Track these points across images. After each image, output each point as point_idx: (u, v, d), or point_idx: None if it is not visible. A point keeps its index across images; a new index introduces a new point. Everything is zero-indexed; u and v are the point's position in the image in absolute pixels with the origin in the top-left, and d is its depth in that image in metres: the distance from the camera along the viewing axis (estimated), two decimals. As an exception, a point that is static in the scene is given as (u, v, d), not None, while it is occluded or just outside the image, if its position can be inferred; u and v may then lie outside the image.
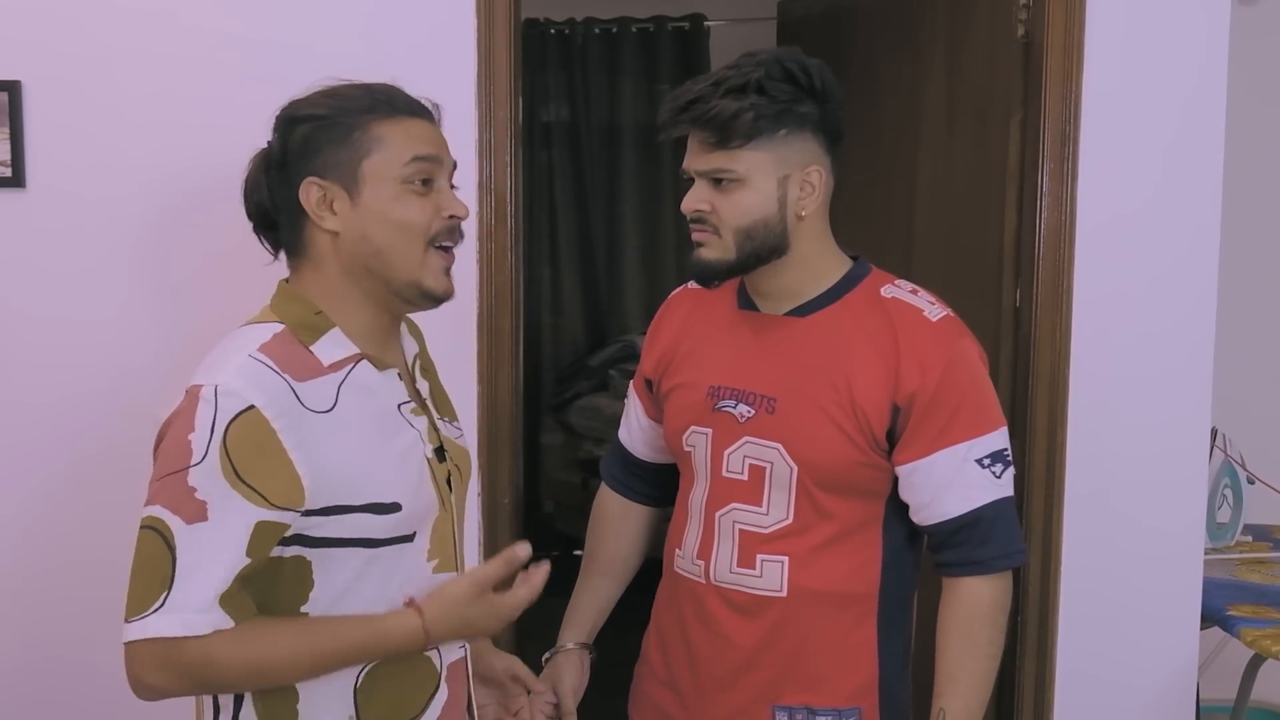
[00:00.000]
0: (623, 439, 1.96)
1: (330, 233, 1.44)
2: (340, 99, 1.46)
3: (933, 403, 1.63)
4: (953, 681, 1.66)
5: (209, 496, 1.33)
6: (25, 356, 2.26)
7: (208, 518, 1.32)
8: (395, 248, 1.43)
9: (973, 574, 1.67)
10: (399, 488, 1.43)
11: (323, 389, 1.40)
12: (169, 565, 1.32)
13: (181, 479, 1.34)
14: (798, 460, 1.66)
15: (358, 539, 1.41)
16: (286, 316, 1.45)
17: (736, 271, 1.69)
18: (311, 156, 1.43)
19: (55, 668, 2.31)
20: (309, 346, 1.42)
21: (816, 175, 1.66)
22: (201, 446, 1.33)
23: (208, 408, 1.34)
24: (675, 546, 1.80)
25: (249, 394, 1.34)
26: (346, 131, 1.43)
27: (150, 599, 1.32)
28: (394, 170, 1.43)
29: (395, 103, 1.47)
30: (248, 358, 1.38)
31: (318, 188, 1.43)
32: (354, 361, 1.44)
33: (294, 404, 1.36)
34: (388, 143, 1.43)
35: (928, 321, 1.67)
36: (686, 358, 1.79)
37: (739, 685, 1.73)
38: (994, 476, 1.65)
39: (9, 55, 2.21)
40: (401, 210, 1.43)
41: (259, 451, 1.34)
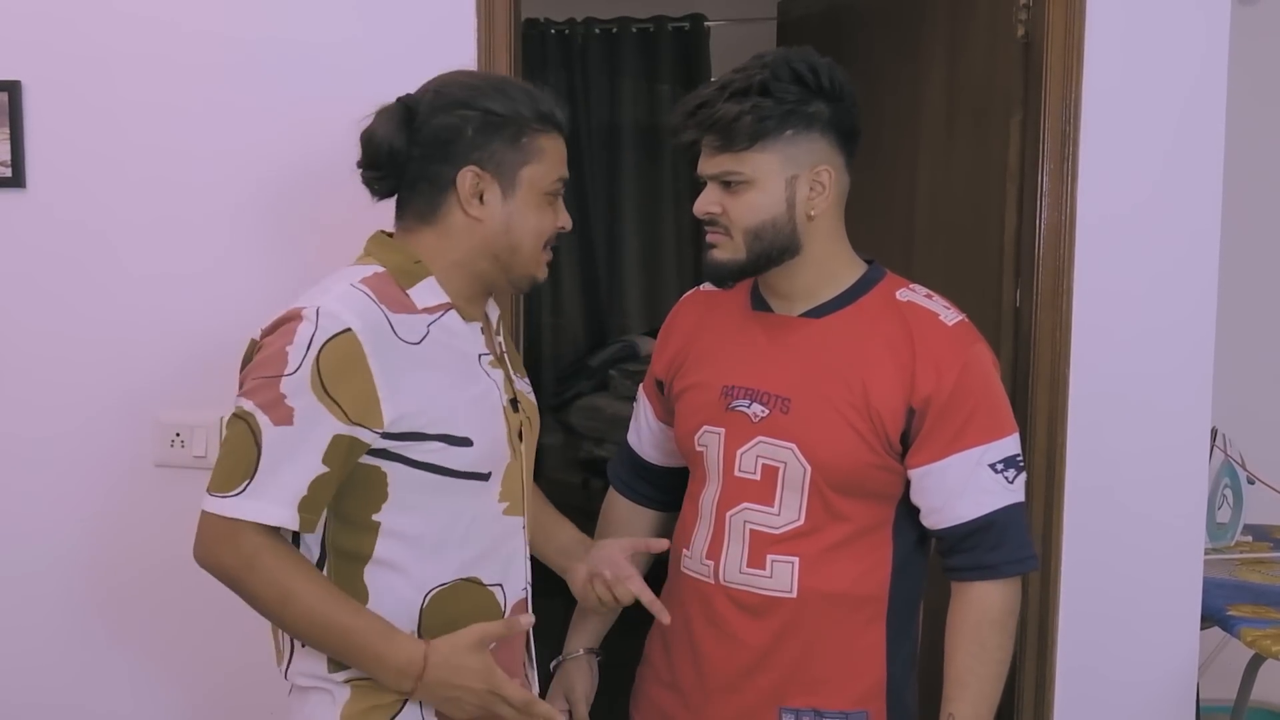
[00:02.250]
0: (631, 443, 1.96)
1: (473, 217, 1.56)
2: (512, 100, 1.56)
3: (948, 407, 1.64)
4: (962, 687, 1.67)
5: (296, 405, 1.45)
6: (25, 357, 2.27)
7: (293, 423, 1.45)
8: (527, 247, 1.59)
9: (983, 579, 1.68)
10: (472, 425, 1.54)
11: (414, 324, 1.53)
12: (254, 457, 1.45)
13: (275, 384, 1.45)
14: (811, 461, 1.67)
15: (431, 464, 1.52)
16: (387, 261, 1.57)
17: (749, 272, 1.69)
18: (480, 146, 1.55)
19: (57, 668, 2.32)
20: (405, 290, 1.54)
21: (827, 175, 1.66)
22: (297, 359, 1.45)
23: (308, 325, 1.46)
24: (683, 547, 1.80)
25: (347, 317, 1.46)
26: (517, 134, 1.55)
27: (233, 482, 1.46)
28: (545, 183, 1.58)
29: (554, 118, 1.59)
30: (349, 286, 1.51)
31: (475, 176, 1.55)
32: (444, 310, 1.57)
33: (388, 332, 1.49)
34: (546, 156, 1.58)
35: (944, 326, 1.68)
36: (699, 358, 1.79)
37: (745, 687, 1.73)
38: (1006, 482, 1.66)
39: (9, 55, 2.21)
40: (539, 218, 1.59)
41: (348, 370, 1.45)
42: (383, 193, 1.61)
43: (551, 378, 4.97)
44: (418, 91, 1.61)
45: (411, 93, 1.60)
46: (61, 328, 2.25)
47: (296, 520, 1.46)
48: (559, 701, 1.88)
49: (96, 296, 2.25)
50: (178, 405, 2.24)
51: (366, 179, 1.60)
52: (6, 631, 2.31)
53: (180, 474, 2.25)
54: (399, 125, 1.56)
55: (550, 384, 4.94)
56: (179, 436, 2.24)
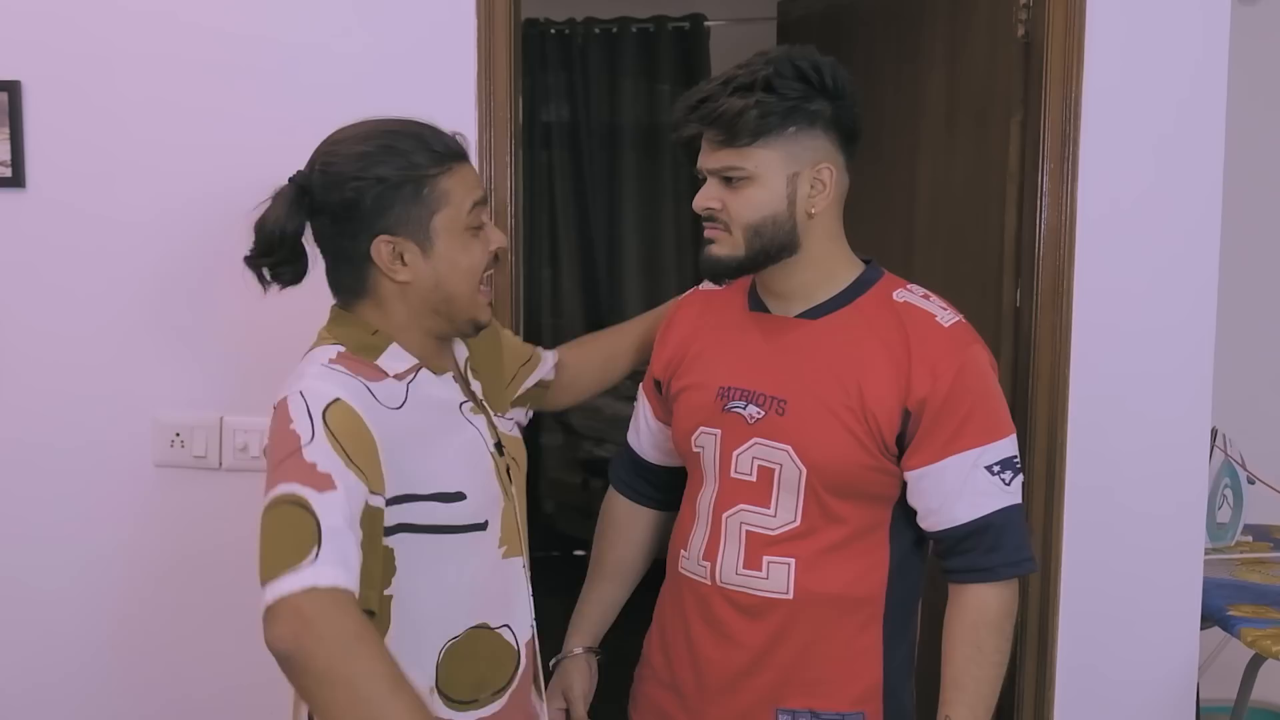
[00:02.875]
0: (631, 443, 1.96)
1: (401, 282, 1.53)
2: (402, 154, 1.51)
3: (944, 408, 1.63)
4: (959, 689, 1.66)
5: (330, 469, 1.36)
6: (25, 356, 2.27)
7: (335, 487, 1.35)
8: (462, 292, 1.55)
9: (980, 581, 1.67)
10: (462, 478, 1.53)
11: (392, 390, 1.50)
12: (313, 527, 1.31)
13: (299, 457, 1.37)
14: (807, 462, 1.66)
15: (428, 525, 1.50)
16: (345, 339, 1.54)
17: (747, 268, 1.69)
18: (382, 214, 1.50)
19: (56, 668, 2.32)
20: (372, 362, 1.52)
21: (828, 173, 1.66)
22: (306, 429, 1.39)
23: (299, 403, 1.41)
24: (680, 548, 1.80)
25: (332, 390, 1.43)
26: (416, 190, 1.50)
27: (299, 556, 1.29)
28: (460, 221, 1.53)
29: (447, 149, 1.54)
30: (321, 367, 1.48)
31: (388, 244, 1.51)
32: (414, 371, 1.55)
33: (371, 399, 1.46)
34: (453, 195, 1.53)
35: (940, 327, 1.67)
36: (696, 359, 1.79)
37: (743, 688, 1.72)
38: (1003, 484, 1.65)
39: (9, 55, 2.21)
40: (468, 257, 1.54)
41: (355, 436, 1.41)
42: (288, 279, 1.57)
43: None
44: (306, 165, 1.54)
45: (301, 170, 1.55)
46: (61, 327, 2.25)
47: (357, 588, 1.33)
48: (557, 700, 1.88)
49: (96, 296, 2.24)
50: (178, 405, 2.24)
51: (263, 267, 1.55)
52: (6, 631, 2.31)
53: (180, 474, 2.25)
54: (291, 208, 1.52)
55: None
56: (179, 436, 2.24)
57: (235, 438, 2.23)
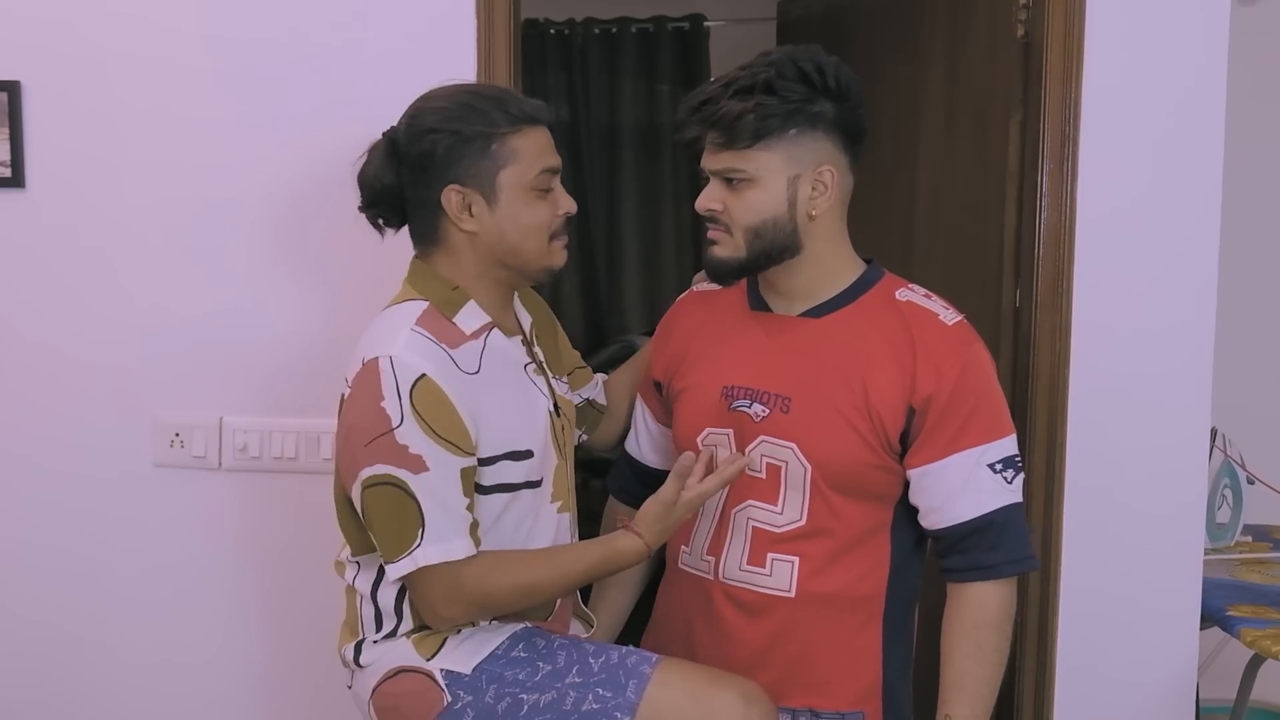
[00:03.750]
0: (631, 451, 1.96)
1: (468, 232, 1.62)
2: (477, 113, 1.61)
3: (948, 407, 1.64)
4: (959, 689, 1.66)
5: (421, 450, 1.53)
6: (25, 356, 2.27)
7: (428, 468, 1.54)
8: (528, 244, 1.65)
9: (981, 579, 1.67)
10: (531, 437, 1.65)
11: (470, 354, 1.61)
12: (415, 509, 1.53)
13: (391, 439, 1.53)
14: (811, 460, 1.67)
15: (500, 484, 1.61)
16: (428, 294, 1.64)
17: (748, 269, 1.69)
18: (453, 165, 1.60)
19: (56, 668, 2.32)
20: (451, 319, 1.62)
21: (829, 175, 1.66)
22: (396, 411, 1.54)
23: (389, 378, 1.54)
24: (681, 544, 1.79)
25: (419, 364, 1.55)
26: (485, 144, 1.60)
27: (409, 539, 1.54)
28: (526, 180, 1.62)
29: (524, 113, 1.63)
30: (411, 331, 1.59)
31: (458, 194, 1.61)
32: (488, 330, 1.65)
33: (453, 368, 1.58)
34: (521, 155, 1.62)
35: (943, 326, 1.68)
36: (698, 359, 1.79)
37: None
38: (1005, 482, 1.66)
39: (9, 56, 2.21)
40: (531, 215, 1.64)
41: (441, 410, 1.54)
42: (393, 226, 1.69)
43: (551, 378, 4.96)
44: (399, 120, 1.67)
45: (393, 124, 1.66)
46: (61, 327, 2.25)
47: (474, 545, 1.57)
48: None
49: (96, 296, 2.25)
50: (177, 405, 2.24)
51: (370, 218, 1.68)
52: (6, 631, 2.31)
53: (180, 474, 2.25)
54: (385, 159, 1.64)
55: (550, 384, 4.93)
56: (178, 436, 2.24)
57: (235, 438, 2.23)
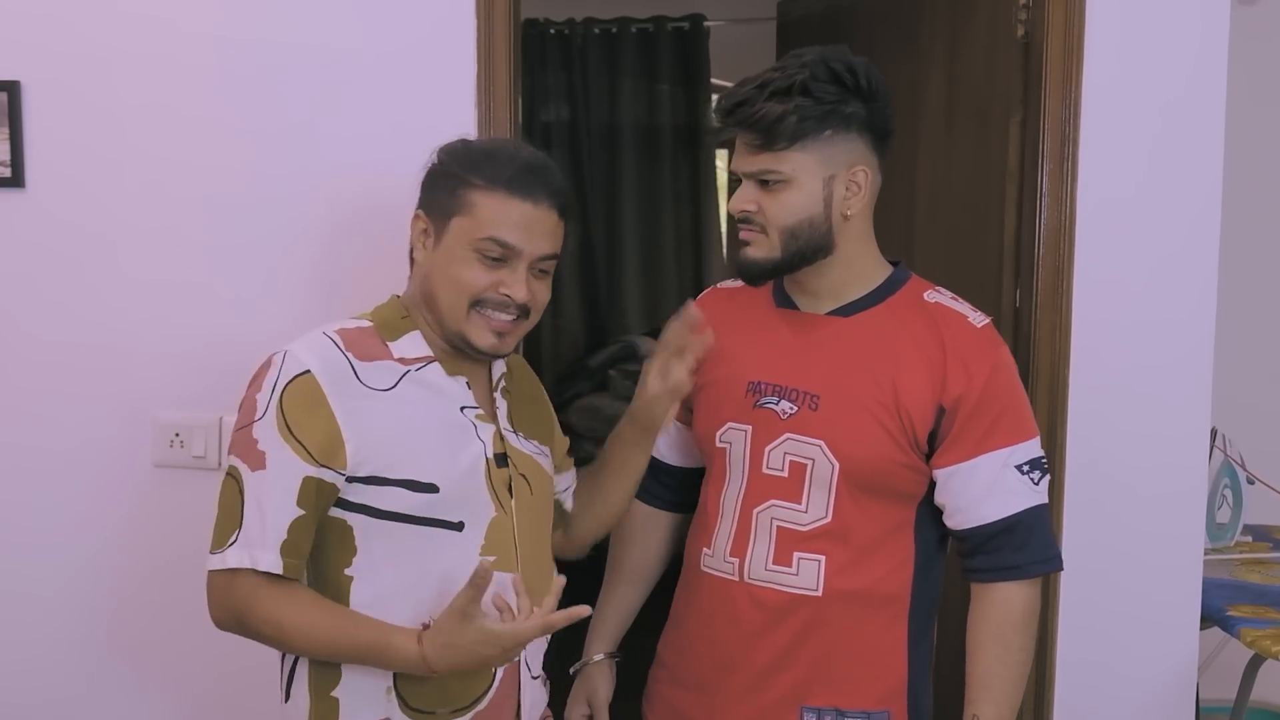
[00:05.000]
0: None
1: (417, 260, 1.61)
2: (467, 158, 1.59)
3: (977, 408, 1.65)
4: (986, 688, 1.67)
5: (267, 448, 1.50)
6: (24, 357, 2.27)
7: (266, 467, 1.49)
8: (445, 299, 1.57)
9: (1008, 579, 1.68)
10: (439, 473, 1.55)
11: (385, 372, 1.56)
12: (239, 506, 1.50)
13: (249, 432, 1.52)
14: (840, 458, 1.67)
15: (394, 512, 1.53)
16: (376, 316, 1.63)
17: (782, 270, 1.70)
18: (427, 192, 1.61)
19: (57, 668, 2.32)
20: (387, 342, 1.59)
21: (863, 175, 1.67)
22: (264, 404, 1.51)
23: (274, 371, 1.53)
24: (703, 546, 1.79)
25: (307, 360, 1.52)
26: (454, 186, 1.57)
27: (226, 535, 1.51)
28: (469, 237, 1.56)
29: (500, 175, 1.56)
30: (320, 334, 1.57)
31: (422, 222, 1.60)
32: (425, 362, 1.60)
33: (349, 376, 1.53)
34: (477, 211, 1.55)
35: (973, 328, 1.70)
36: (721, 355, 1.78)
37: (767, 686, 1.72)
38: (1032, 483, 1.68)
39: (9, 55, 2.21)
40: (459, 270, 1.56)
41: (308, 411, 1.50)
42: None
43: (551, 378, 4.97)
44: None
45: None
46: (61, 328, 2.25)
47: (280, 564, 1.49)
48: (581, 706, 1.89)
49: (96, 296, 2.24)
50: (177, 405, 2.24)
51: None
52: (6, 632, 2.31)
53: (180, 474, 2.25)
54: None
55: (550, 385, 4.93)
56: (178, 436, 2.24)
57: (235, 438, 2.22)
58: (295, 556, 1.50)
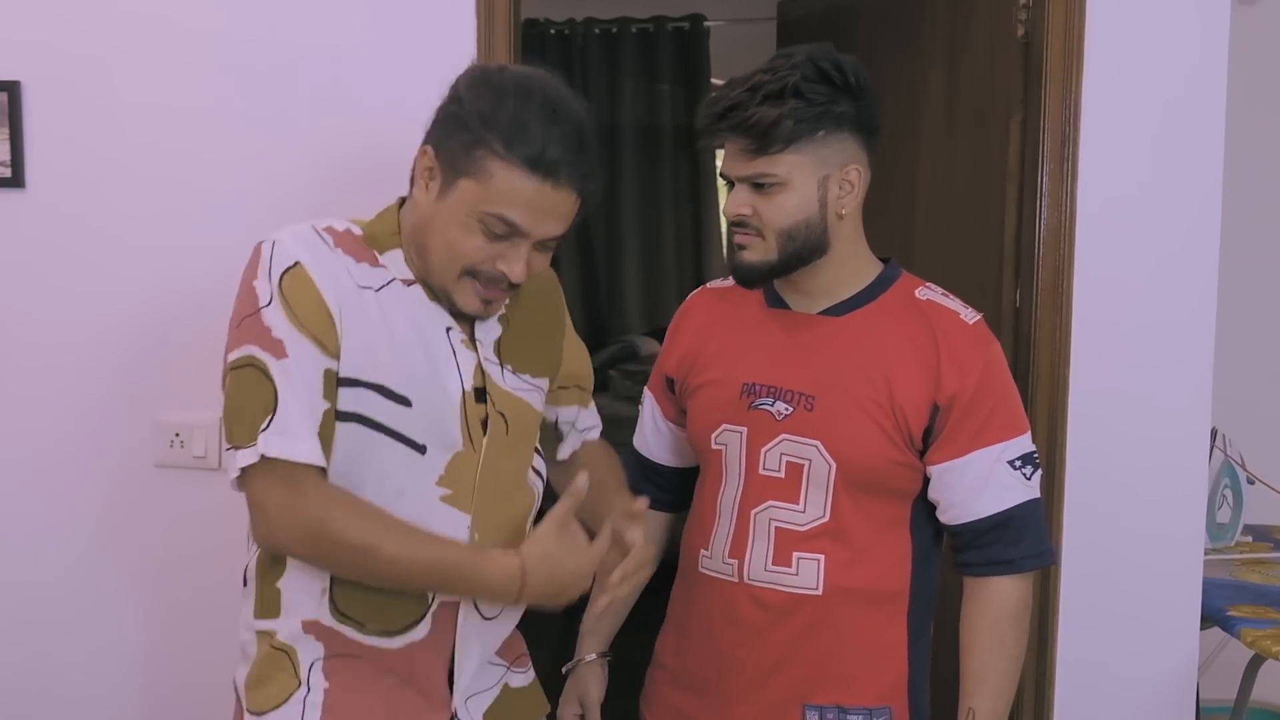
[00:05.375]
0: (638, 447, 1.95)
1: (415, 197, 1.50)
2: (500, 110, 1.43)
3: (971, 404, 1.66)
4: (982, 682, 1.68)
5: (283, 336, 1.42)
6: (24, 357, 2.27)
7: (288, 354, 1.42)
8: (437, 257, 1.48)
9: (1001, 574, 1.69)
10: (415, 387, 1.48)
11: (370, 274, 1.49)
12: (271, 392, 1.41)
13: (259, 319, 1.43)
14: (836, 457, 1.67)
15: (362, 415, 1.46)
16: (369, 228, 1.54)
17: (779, 272, 1.70)
18: (447, 133, 1.46)
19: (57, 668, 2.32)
20: (375, 252, 1.51)
21: (855, 173, 1.67)
22: (266, 291, 1.44)
23: (264, 259, 1.45)
24: (700, 548, 1.78)
25: (296, 251, 1.45)
26: (471, 143, 1.43)
27: (257, 422, 1.40)
28: (476, 205, 1.44)
29: (529, 150, 1.42)
30: (309, 227, 1.49)
31: (429, 160, 1.48)
32: (409, 282, 1.52)
33: (340, 271, 1.46)
34: (491, 181, 1.43)
35: (965, 324, 1.70)
36: (714, 356, 1.79)
37: (770, 685, 1.72)
38: (1025, 478, 1.68)
39: (9, 55, 2.21)
40: (458, 235, 1.46)
41: (310, 302, 1.43)
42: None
43: (551, 378, 4.97)
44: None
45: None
46: (61, 328, 2.25)
47: (322, 458, 1.41)
48: (573, 706, 1.89)
49: (96, 296, 2.24)
50: (178, 405, 2.24)
51: None
52: (6, 631, 2.31)
53: (180, 474, 2.25)
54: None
55: (550, 384, 4.94)
56: (179, 436, 2.24)
57: (235, 438, 2.22)
58: (326, 449, 1.43)
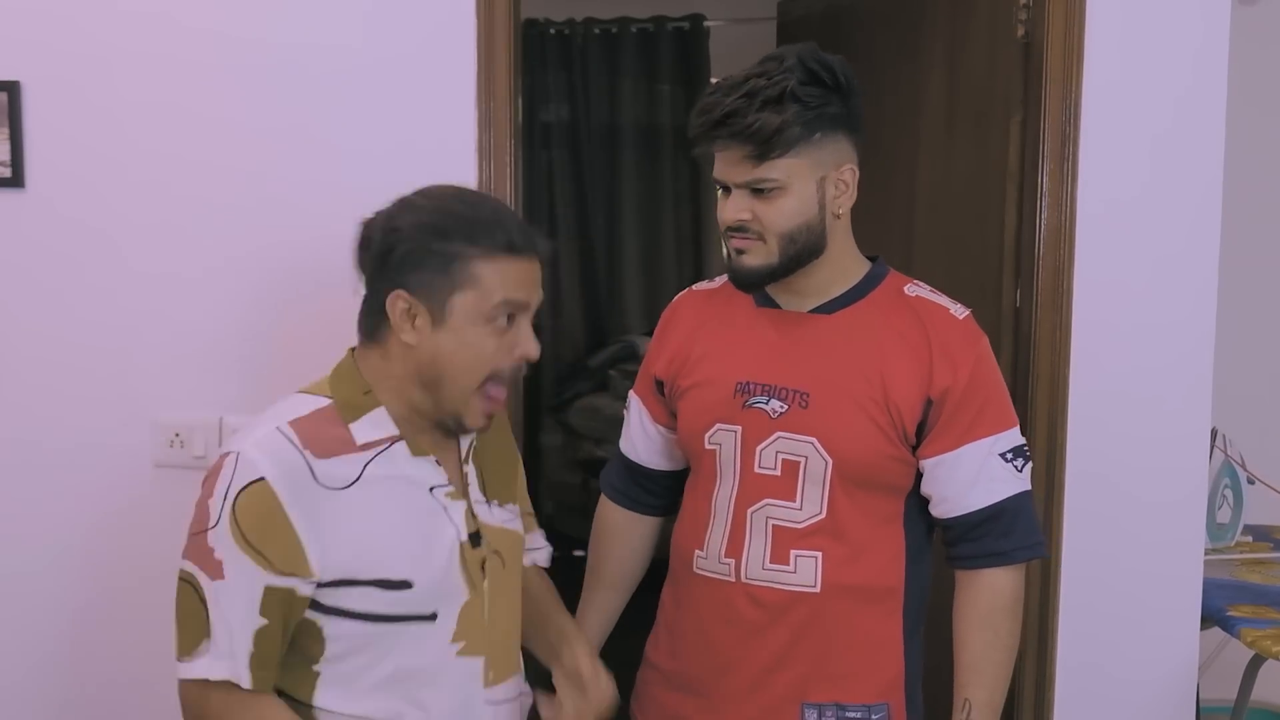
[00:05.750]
0: (625, 450, 1.94)
1: (405, 342, 1.48)
2: (451, 227, 1.46)
3: (963, 398, 1.67)
4: (977, 673, 1.70)
5: (224, 557, 1.42)
6: (25, 357, 2.26)
7: (225, 576, 1.42)
8: (455, 380, 1.48)
9: (994, 565, 1.70)
10: (412, 566, 1.48)
11: (345, 466, 1.46)
12: (204, 616, 1.43)
13: (204, 539, 1.43)
14: (833, 454, 1.68)
15: (365, 613, 1.46)
16: (336, 393, 1.51)
17: (780, 275, 1.70)
18: (407, 271, 1.46)
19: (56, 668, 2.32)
20: (347, 424, 1.48)
21: (850, 173, 1.68)
22: (217, 511, 1.43)
23: (226, 474, 1.43)
24: (694, 548, 1.78)
25: (262, 466, 1.42)
26: (446, 262, 1.45)
27: (194, 643, 1.44)
28: (481, 309, 1.46)
29: (498, 238, 1.47)
30: (274, 429, 1.46)
31: (404, 302, 1.46)
32: (389, 442, 1.50)
33: (307, 479, 1.43)
34: (483, 282, 1.46)
35: (955, 320, 1.72)
36: (704, 356, 1.79)
37: (767, 684, 1.73)
38: (1016, 470, 1.70)
39: (9, 55, 2.21)
40: (476, 346, 1.47)
41: (264, 520, 1.41)
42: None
43: (551, 378, 4.97)
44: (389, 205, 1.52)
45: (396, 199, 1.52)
46: (61, 328, 2.25)
47: (249, 678, 1.42)
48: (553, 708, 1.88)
49: (96, 297, 2.24)
50: (177, 405, 2.24)
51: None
52: (6, 631, 2.31)
53: (179, 474, 2.25)
54: (358, 243, 1.51)
55: (550, 385, 4.94)
56: (178, 436, 2.24)
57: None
58: (264, 669, 1.43)
